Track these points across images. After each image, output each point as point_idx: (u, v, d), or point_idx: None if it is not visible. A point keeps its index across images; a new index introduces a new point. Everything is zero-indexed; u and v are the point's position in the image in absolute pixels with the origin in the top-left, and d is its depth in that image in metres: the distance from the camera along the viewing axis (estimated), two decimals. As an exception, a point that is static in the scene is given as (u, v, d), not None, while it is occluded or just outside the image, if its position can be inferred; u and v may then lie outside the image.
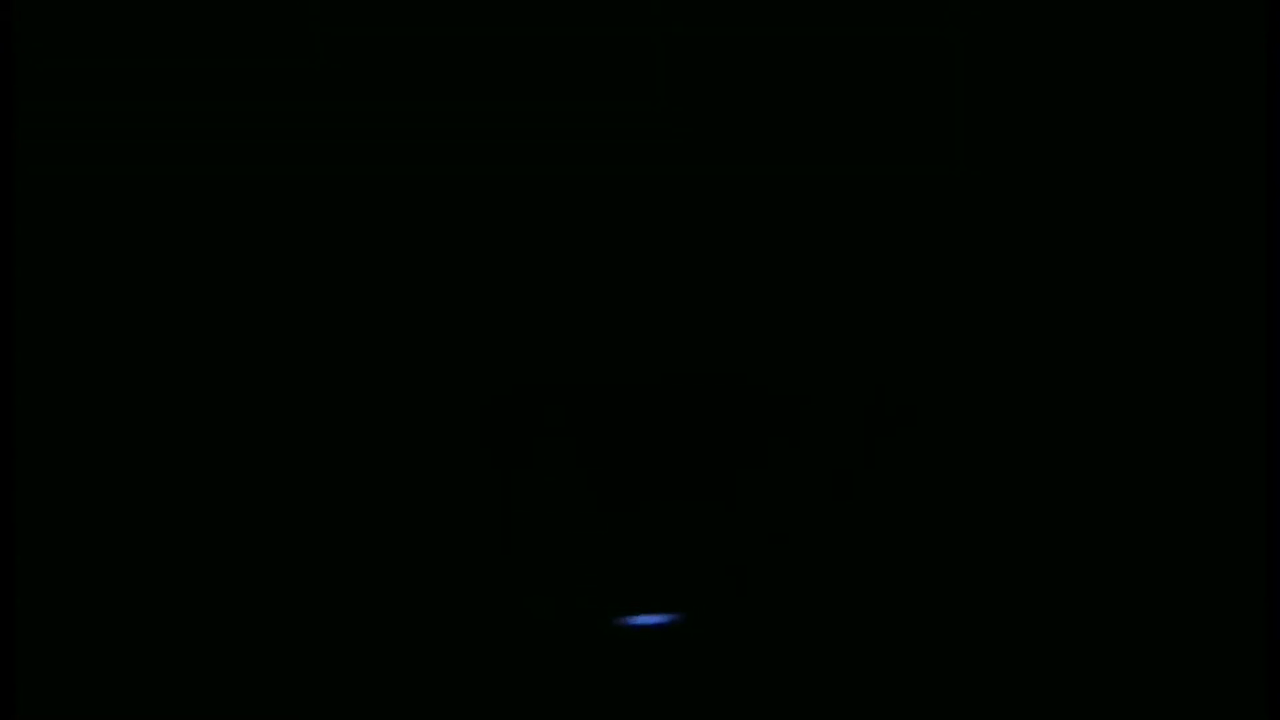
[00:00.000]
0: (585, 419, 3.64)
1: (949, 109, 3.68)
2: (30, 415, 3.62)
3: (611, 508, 3.65)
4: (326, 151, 3.68)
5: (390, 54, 3.68)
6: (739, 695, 3.62)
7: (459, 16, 3.68)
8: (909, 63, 3.68)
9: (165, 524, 3.62)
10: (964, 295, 3.66)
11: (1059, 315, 3.66)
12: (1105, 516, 3.63)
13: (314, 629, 3.62)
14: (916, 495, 3.64)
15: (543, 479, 3.64)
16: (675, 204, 3.68)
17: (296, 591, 3.62)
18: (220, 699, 3.61)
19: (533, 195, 3.68)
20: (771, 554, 3.65)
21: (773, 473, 3.64)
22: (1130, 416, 3.64)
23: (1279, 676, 3.42)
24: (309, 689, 3.61)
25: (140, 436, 3.63)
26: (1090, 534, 3.63)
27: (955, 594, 3.63)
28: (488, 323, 3.67)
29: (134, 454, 3.63)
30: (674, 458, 3.64)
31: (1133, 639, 3.62)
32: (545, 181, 3.68)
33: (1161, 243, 3.66)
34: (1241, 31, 3.65)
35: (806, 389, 3.65)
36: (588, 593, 3.65)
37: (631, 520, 3.65)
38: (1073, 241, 3.66)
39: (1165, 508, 3.63)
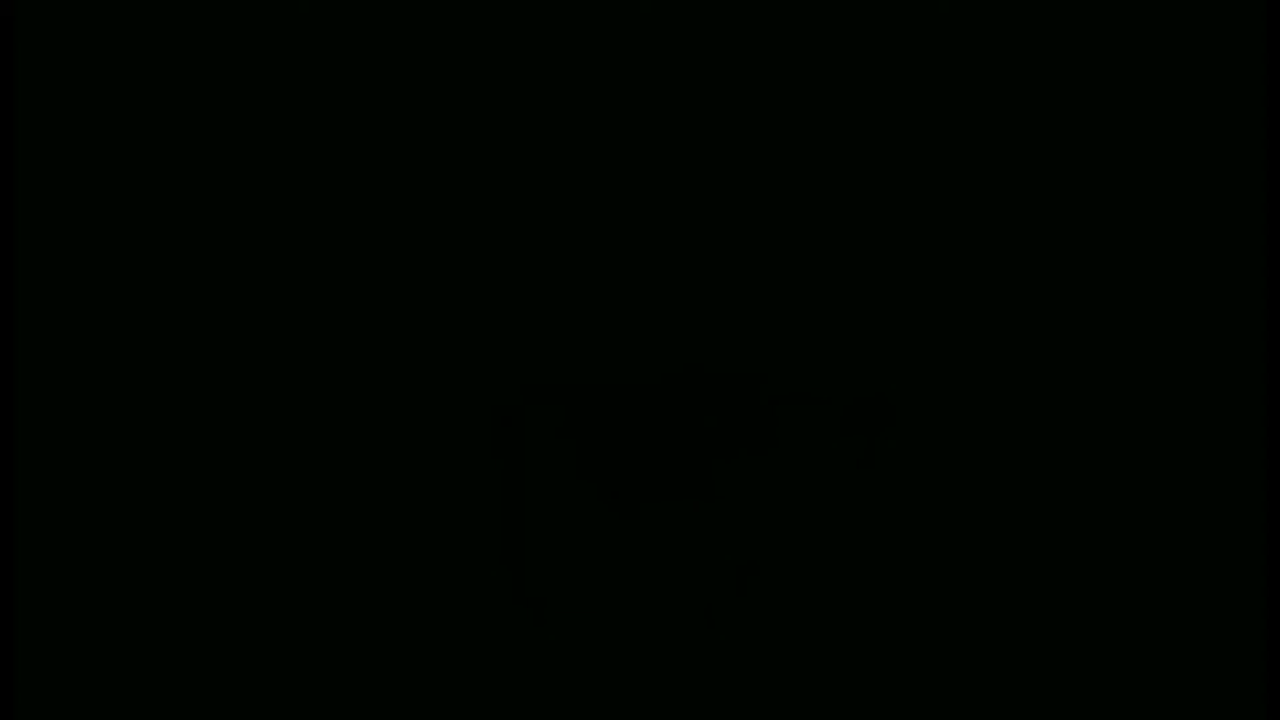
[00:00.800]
0: (585, 419, 3.64)
1: (949, 109, 3.68)
2: (30, 415, 3.62)
3: (611, 508, 3.65)
4: (327, 151, 3.68)
5: (390, 54, 3.68)
6: (740, 695, 3.63)
7: (459, 16, 3.69)
8: (909, 63, 3.68)
9: (167, 524, 3.62)
10: (963, 295, 3.67)
11: (1058, 315, 3.66)
12: (1105, 516, 3.64)
13: (315, 630, 3.62)
14: (916, 495, 3.64)
15: (543, 479, 3.65)
16: (676, 203, 3.69)
17: (298, 592, 3.62)
18: (220, 699, 3.61)
19: (533, 195, 3.69)
20: (771, 554, 3.65)
21: (772, 473, 3.65)
22: (1130, 416, 3.64)
23: (1279, 676, 3.42)
24: (310, 689, 3.61)
25: (142, 436, 3.63)
26: (1090, 534, 3.63)
27: (955, 594, 3.64)
28: (489, 324, 3.67)
29: (135, 454, 3.63)
30: (674, 458, 3.64)
31: (1132, 639, 3.62)
32: (545, 181, 3.69)
33: (1161, 242, 3.66)
34: (1241, 31, 3.65)
35: (806, 389, 3.65)
36: (589, 593, 3.65)
37: (631, 520, 3.65)
38: (1072, 241, 3.67)
39: (1165, 507, 3.63)
